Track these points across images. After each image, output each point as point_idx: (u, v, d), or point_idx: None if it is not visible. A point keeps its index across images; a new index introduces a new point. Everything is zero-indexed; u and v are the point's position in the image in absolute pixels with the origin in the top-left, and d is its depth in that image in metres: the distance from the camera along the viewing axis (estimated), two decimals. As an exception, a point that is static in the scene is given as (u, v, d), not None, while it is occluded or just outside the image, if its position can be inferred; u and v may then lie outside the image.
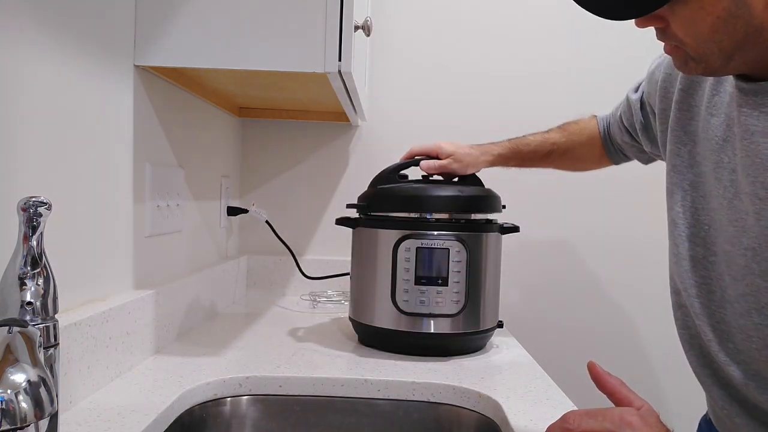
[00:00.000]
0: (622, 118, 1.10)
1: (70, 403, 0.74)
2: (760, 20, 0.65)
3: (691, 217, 0.84)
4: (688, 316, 0.86)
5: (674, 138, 0.88)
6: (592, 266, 1.66)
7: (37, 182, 0.71)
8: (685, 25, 0.68)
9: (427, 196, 1.10)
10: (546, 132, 1.23)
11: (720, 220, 0.78)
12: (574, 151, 1.21)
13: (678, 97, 0.88)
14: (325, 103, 1.43)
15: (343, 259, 1.46)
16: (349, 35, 0.95)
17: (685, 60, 0.73)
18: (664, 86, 0.93)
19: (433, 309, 1.06)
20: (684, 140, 0.86)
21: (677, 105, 0.88)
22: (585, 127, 1.21)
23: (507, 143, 1.22)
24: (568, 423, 0.59)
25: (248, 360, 1.00)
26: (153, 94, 1.02)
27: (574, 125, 1.22)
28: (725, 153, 0.78)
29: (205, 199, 1.33)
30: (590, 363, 0.65)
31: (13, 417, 0.46)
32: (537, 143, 1.21)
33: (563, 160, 1.23)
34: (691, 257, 0.83)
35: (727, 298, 0.78)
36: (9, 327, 0.49)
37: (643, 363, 1.64)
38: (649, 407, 0.62)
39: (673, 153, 0.88)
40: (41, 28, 0.71)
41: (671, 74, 0.92)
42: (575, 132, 1.21)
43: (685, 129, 0.86)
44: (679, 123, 0.87)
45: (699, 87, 0.85)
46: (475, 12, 1.63)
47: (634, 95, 1.05)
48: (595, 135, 1.19)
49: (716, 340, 0.80)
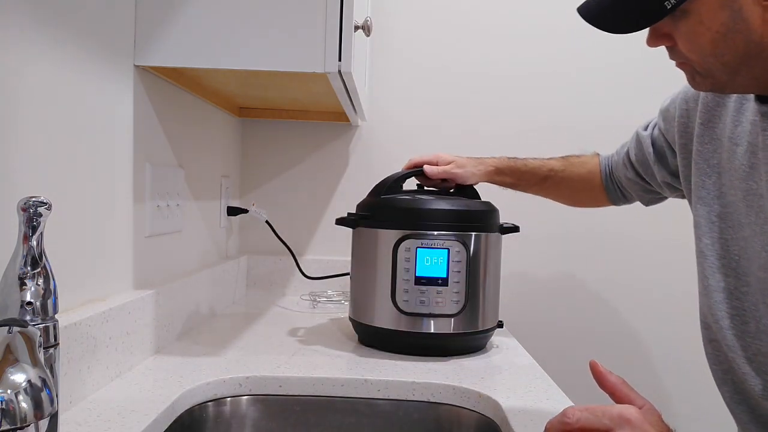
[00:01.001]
0: (630, 153, 1.09)
1: (70, 403, 0.74)
2: (759, 35, 0.67)
3: (720, 248, 0.83)
4: (720, 351, 0.84)
5: (698, 171, 0.88)
6: (592, 266, 1.66)
7: (37, 182, 0.71)
8: (688, 40, 0.70)
9: (425, 209, 1.09)
10: (546, 158, 1.22)
11: (752, 248, 0.78)
12: (571, 182, 1.20)
13: (699, 131, 0.89)
14: (325, 103, 1.43)
15: (343, 259, 1.46)
16: (349, 35, 0.95)
17: (692, 75, 0.74)
18: (682, 122, 0.93)
19: (433, 309, 1.06)
20: (708, 172, 0.87)
21: (699, 139, 0.89)
22: (587, 161, 1.20)
23: (505, 159, 1.21)
24: (567, 417, 0.59)
25: (248, 360, 1.00)
26: (153, 94, 1.02)
27: (575, 158, 1.21)
28: (753, 180, 0.78)
29: (205, 199, 1.33)
30: (592, 361, 0.65)
31: (13, 417, 0.46)
32: (535, 165, 1.20)
33: (559, 188, 1.21)
34: (723, 289, 0.82)
35: (762, 329, 0.77)
36: (9, 327, 0.49)
37: (643, 363, 1.64)
38: (650, 406, 0.61)
39: (698, 186, 0.88)
40: (41, 27, 0.71)
41: (688, 109, 0.93)
42: (576, 164, 1.20)
43: (709, 161, 0.87)
44: (702, 156, 0.88)
45: (720, 119, 0.86)
46: (475, 12, 1.63)
47: (644, 132, 1.06)
48: (596, 170, 1.18)
49: (752, 373, 0.78)
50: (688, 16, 0.68)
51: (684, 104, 0.94)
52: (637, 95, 1.63)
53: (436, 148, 1.61)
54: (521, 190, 1.23)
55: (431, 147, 1.61)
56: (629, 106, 1.64)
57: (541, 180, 1.20)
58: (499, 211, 1.16)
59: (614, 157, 1.16)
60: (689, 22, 0.68)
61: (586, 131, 1.64)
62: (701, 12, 0.67)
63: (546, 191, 1.23)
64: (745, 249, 0.80)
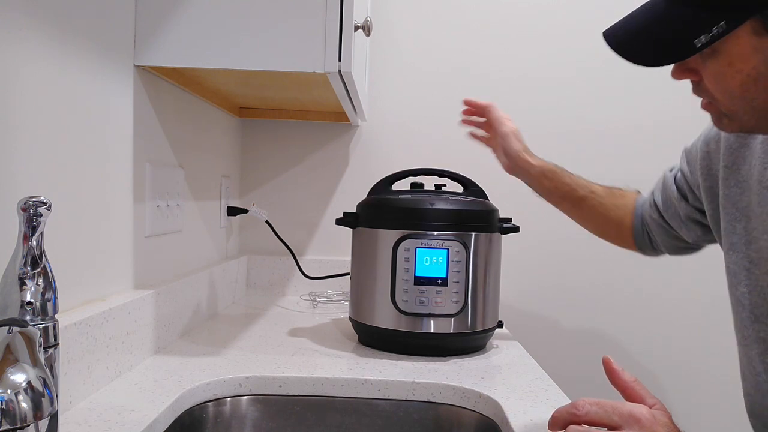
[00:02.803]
0: (654, 194, 1.07)
1: (70, 403, 0.74)
2: None
3: (757, 296, 0.80)
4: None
5: (727, 216, 0.85)
6: (592, 266, 1.66)
7: (37, 182, 0.71)
8: (716, 80, 0.67)
9: (425, 209, 1.09)
10: (590, 181, 1.16)
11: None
12: (607, 211, 1.13)
13: (724, 174, 0.86)
14: (325, 103, 1.43)
15: (343, 259, 1.46)
16: (349, 35, 0.95)
17: (719, 117, 0.71)
18: (705, 164, 0.91)
19: (433, 309, 1.06)
20: (737, 216, 0.83)
21: (724, 182, 0.86)
22: (627, 196, 1.15)
23: (552, 163, 1.15)
24: (577, 409, 0.58)
25: (248, 360, 1.00)
26: (153, 94, 1.02)
27: (617, 189, 1.16)
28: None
29: (205, 199, 1.33)
30: (605, 358, 0.64)
31: (13, 417, 0.46)
32: (581, 182, 1.14)
33: (593, 214, 1.15)
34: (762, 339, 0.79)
35: None
36: (9, 327, 0.49)
37: (642, 363, 1.64)
38: (661, 406, 0.61)
39: (728, 231, 0.85)
40: (41, 27, 0.71)
41: (709, 152, 0.90)
42: (617, 195, 1.15)
43: (737, 205, 0.84)
44: (730, 200, 0.85)
45: (745, 161, 0.83)
46: (475, 12, 1.63)
47: (669, 173, 1.04)
48: (631, 207, 1.13)
49: None
50: (718, 56, 0.65)
51: (705, 146, 0.91)
52: (640, 96, 1.63)
53: (436, 148, 1.62)
54: (551, 201, 1.17)
55: (431, 147, 1.62)
56: (633, 108, 1.64)
57: (579, 199, 1.13)
58: (499, 211, 1.16)
59: (647, 196, 1.12)
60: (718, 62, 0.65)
61: (587, 132, 1.64)
62: (732, 53, 0.64)
63: (578, 211, 1.16)
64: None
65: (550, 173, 1.13)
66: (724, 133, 0.87)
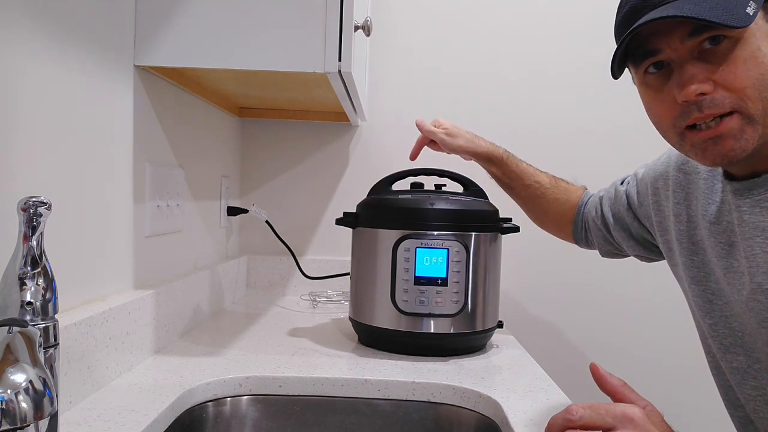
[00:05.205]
0: (603, 204, 1.09)
1: (70, 403, 0.74)
2: None
3: (723, 327, 0.82)
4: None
5: (684, 250, 0.88)
6: (592, 266, 1.65)
7: (37, 182, 0.71)
8: (746, 66, 0.68)
9: (425, 209, 1.09)
10: (540, 170, 1.20)
11: (749, 324, 0.77)
12: (548, 203, 1.18)
13: (675, 211, 0.89)
14: (325, 103, 1.43)
15: (343, 259, 1.46)
16: (349, 35, 0.95)
17: (741, 128, 0.69)
18: (655, 200, 0.95)
19: (433, 309, 1.06)
20: (694, 250, 0.86)
21: (677, 218, 0.89)
22: (572, 191, 1.19)
23: (502, 150, 1.18)
24: (571, 414, 0.59)
25: (248, 360, 1.00)
26: (153, 94, 1.02)
27: (564, 182, 1.20)
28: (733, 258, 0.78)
29: (205, 199, 1.33)
30: (592, 365, 0.65)
31: (13, 417, 0.46)
32: (526, 170, 1.18)
33: (535, 203, 1.19)
34: (735, 369, 0.81)
35: None
36: (9, 327, 0.49)
37: (642, 363, 1.64)
38: (653, 407, 0.61)
39: (687, 265, 0.88)
40: (41, 27, 0.71)
41: (658, 189, 0.94)
42: (562, 188, 1.19)
43: (693, 239, 0.87)
44: (685, 235, 0.88)
45: (694, 197, 0.86)
46: (475, 12, 1.63)
47: (621, 187, 1.07)
48: (574, 203, 1.17)
49: None
50: (744, 44, 0.68)
51: (654, 183, 0.95)
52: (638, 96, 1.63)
53: (436, 148, 1.62)
54: (503, 187, 1.21)
55: (431, 147, 1.62)
56: (632, 107, 1.64)
57: (525, 187, 1.18)
58: (499, 211, 1.16)
59: (592, 196, 1.15)
60: (745, 48, 0.68)
61: (587, 132, 1.64)
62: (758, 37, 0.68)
63: (522, 200, 1.20)
64: (744, 325, 0.78)
65: (497, 160, 1.17)
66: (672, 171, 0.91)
